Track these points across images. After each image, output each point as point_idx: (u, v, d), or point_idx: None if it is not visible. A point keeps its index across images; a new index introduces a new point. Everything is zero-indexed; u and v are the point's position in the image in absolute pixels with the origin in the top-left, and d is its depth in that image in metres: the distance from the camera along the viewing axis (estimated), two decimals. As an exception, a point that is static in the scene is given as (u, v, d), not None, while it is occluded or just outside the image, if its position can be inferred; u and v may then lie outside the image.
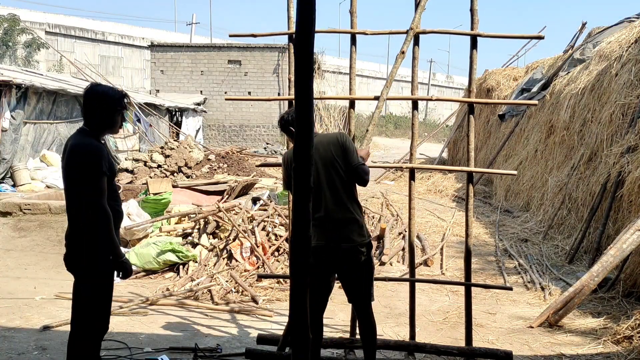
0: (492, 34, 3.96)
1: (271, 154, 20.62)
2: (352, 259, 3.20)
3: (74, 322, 2.96)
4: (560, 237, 7.45)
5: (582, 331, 4.61)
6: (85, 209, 2.80)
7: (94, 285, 2.89)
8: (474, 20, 3.85)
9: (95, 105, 2.89)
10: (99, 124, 2.91)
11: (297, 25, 1.85)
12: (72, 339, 2.95)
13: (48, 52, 27.56)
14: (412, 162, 4.07)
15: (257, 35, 4.12)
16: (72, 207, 2.86)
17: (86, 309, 2.90)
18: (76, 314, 2.93)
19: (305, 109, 1.91)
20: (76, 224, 2.87)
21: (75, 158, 2.82)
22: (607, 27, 10.01)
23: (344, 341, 3.87)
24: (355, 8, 3.97)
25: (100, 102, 2.88)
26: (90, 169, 2.79)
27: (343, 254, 3.18)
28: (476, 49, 3.87)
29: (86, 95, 2.93)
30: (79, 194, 2.82)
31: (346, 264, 3.21)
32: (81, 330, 2.93)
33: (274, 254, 6.29)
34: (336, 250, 3.16)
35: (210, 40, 32.69)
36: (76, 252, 2.87)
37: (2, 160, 10.12)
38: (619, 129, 6.91)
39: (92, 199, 2.78)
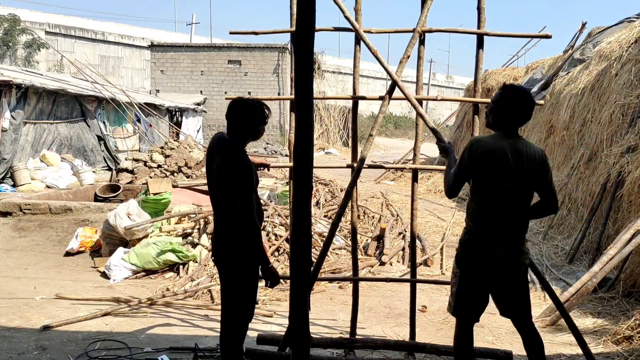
0: (499, 33, 3.83)
1: (271, 154, 20.61)
2: (519, 272, 3.12)
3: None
4: (560, 237, 7.45)
5: (582, 331, 4.60)
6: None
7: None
8: (480, 19, 3.75)
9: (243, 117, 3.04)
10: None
11: (297, 24, 1.85)
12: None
13: (48, 52, 27.57)
14: (415, 162, 4.06)
15: (259, 32, 4.02)
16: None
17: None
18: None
19: (305, 109, 1.91)
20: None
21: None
22: (607, 27, 10.01)
23: (344, 341, 3.87)
24: (360, 6, 3.88)
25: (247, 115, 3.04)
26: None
27: (515, 266, 3.09)
28: (482, 48, 3.77)
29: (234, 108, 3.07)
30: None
31: (514, 277, 3.13)
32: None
33: (274, 254, 6.29)
34: (510, 262, 3.06)
35: (210, 40, 32.68)
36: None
37: (2, 160, 10.12)
38: (619, 129, 6.90)
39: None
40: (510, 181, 2.92)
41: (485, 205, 2.99)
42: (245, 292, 3.11)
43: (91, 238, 6.95)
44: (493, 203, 2.96)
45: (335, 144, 25.61)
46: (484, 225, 3.00)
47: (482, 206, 3.00)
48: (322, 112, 25.39)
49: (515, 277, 3.11)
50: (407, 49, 3.77)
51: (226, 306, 3.16)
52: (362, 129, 24.92)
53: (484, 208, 2.99)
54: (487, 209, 2.99)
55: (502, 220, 2.98)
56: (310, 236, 2.08)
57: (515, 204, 2.97)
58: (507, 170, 2.91)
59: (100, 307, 4.93)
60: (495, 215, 2.98)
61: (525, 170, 2.92)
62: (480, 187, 3.00)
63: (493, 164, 2.91)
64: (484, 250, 3.01)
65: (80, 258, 6.77)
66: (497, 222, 2.98)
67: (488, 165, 2.92)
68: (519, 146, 2.93)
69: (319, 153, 21.54)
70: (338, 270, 6.16)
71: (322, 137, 25.43)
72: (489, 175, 2.94)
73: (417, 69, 3.89)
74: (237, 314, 3.11)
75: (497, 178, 2.93)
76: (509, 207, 2.96)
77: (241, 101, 3.10)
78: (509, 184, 2.93)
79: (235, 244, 3.02)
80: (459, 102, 13.83)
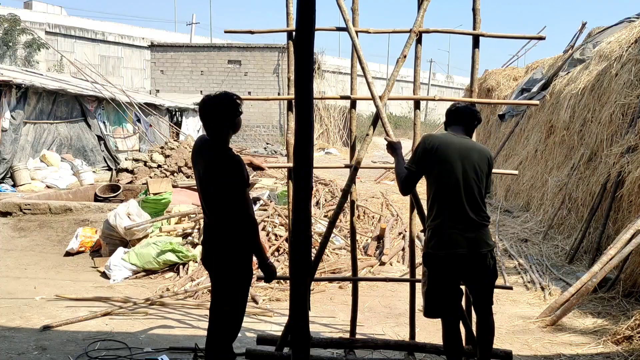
0: (495, 34, 3.93)
1: (271, 154, 20.61)
2: (484, 264, 3.17)
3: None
4: (560, 237, 7.46)
5: (582, 331, 4.61)
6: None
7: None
8: (476, 20, 3.83)
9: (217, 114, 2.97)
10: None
11: (298, 24, 1.85)
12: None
13: (48, 52, 27.55)
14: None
15: (255, 31, 4.03)
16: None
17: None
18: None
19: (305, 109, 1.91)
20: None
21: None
22: (607, 27, 10.01)
23: (344, 341, 3.87)
24: (357, 5, 3.92)
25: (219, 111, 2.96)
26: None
27: (480, 259, 3.15)
28: (478, 48, 3.85)
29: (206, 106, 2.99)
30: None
31: (479, 268, 3.18)
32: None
33: (274, 254, 6.29)
34: (474, 255, 3.13)
35: (210, 40, 32.69)
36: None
37: (2, 160, 10.12)
38: (619, 129, 6.90)
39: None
40: (462, 172, 3.08)
41: (442, 199, 3.11)
42: (240, 297, 3.09)
43: (91, 238, 6.95)
44: (449, 196, 3.09)
45: (335, 144, 25.61)
46: (444, 221, 3.11)
47: (440, 201, 3.12)
48: (322, 112, 25.39)
49: (481, 266, 3.17)
50: (404, 49, 3.81)
51: (218, 310, 3.13)
52: (362, 129, 24.90)
53: (442, 203, 3.12)
54: (445, 203, 3.11)
55: (461, 214, 3.09)
56: (310, 236, 2.08)
57: (471, 195, 3.11)
58: (459, 162, 3.09)
59: (100, 307, 4.93)
60: (454, 209, 3.09)
61: (476, 162, 3.13)
62: (434, 181, 3.15)
63: (446, 155, 3.09)
64: (448, 245, 3.10)
65: (80, 258, 6.77)
66: (456, 216, 3.09)
67: (441, 157, 3.09)
68: (467, 142, 3.20)
69: (319, 153, 21.54)
70: (338, 270, 6.16)
71: (322, 137, 25.44)
72: (442, 166, 3.09)
73: (414, 69, 3.91)
74: (230, 318, 3.08)
75: (449, 169, 3.08)
76: (465, 200, 3.09)
77: (210, 98, 3.00)
78: (460, 175, 3.08)
79: (235, 247, 3.00)
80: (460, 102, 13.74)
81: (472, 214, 3.09)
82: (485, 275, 3.20)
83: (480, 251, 3.11)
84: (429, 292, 3.22)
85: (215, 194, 2.96)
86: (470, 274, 3.20)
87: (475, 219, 3.10)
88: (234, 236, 2.99)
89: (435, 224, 3.14)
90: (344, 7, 3.82)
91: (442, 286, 3.19)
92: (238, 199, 2.92)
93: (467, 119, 3.30)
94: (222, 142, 2.99)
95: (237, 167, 2.90)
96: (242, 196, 2.92)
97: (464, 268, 3.15)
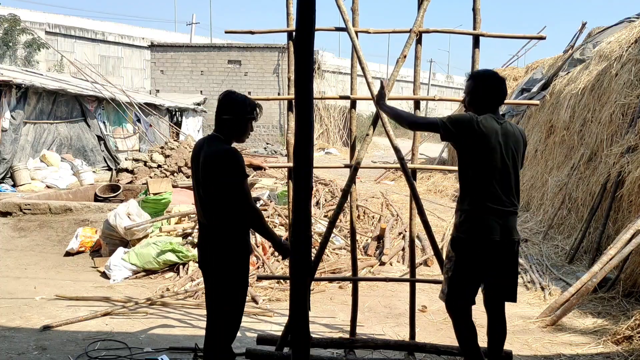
0: (495, 34, 3.93)
1: (271, 154, 20.61)
2: (514, 252, 3.14)
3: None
4: (560, 237, 7.45)
5: (582, 331, 4.61)
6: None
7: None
8: (476, 20, 3.83)
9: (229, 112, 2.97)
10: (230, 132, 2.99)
11: (298, 24, 1.85)
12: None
13: (48, 52, 27.54)
14: (413, 162, 4.07)
15: (255, 32, 4.03)
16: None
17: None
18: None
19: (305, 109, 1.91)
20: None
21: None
22: (607, 27, 10.02)
23: (344, 341, 3.87)
24: (357, 6, 3.92)
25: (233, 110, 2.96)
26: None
27: (511, 247, 3.12)
28: (478, 48, 3.85)
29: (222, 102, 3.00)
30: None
31: (508, 258, 3.14)
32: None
33: (274, 254, 6.29)
34: (506, 243, 3.10)
35: (210, 40, 32.68)
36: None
37: (2, 160, 10.12)
38: (619, 129, 6.90)
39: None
40: (501, 160, 3.05)
41: (479, 184, 3.08)
42: (240, 297, 3.06)
43: (91, 238, 6.95)
44: (487, 182, 3.05)
45: (335, 144, 25.61)
46: (480, 206, 3.07)
47: (476, 186, 3.09)
48: (322, 112, 25.39)
49: (510, 255, 3.14)
50: (404, 49, 3.81)
51: (217, 311, 3.08)
52: (362, 129, 24.89)
53: (478, 188, 3.08)
54: (482, 189, 3.07)
55: (496, 200, 3.06)
56: (310, 236, 2.08)
57: (507, 183, 3.08)
58: (499, 149, 3.04)
59: (100, 307, 4.93)
60: (490, 195, 3.06)
61: (514, 148, 3.09)
62: (472, 165, 3.09)
63: (488, 141, 3.03)
64: (483, 231, 3.06)
65: (80, 258, 6.77)
66: (492, 202, 3.05)
67: (484, 142, 3.03)
68: (507, 127, 3.12)
69: (319, 153, 21.54)
70: (338, 270, 6.16)
71: (322, 137, 25.44)
72: (483, 152, 3.04)
73: (414, 69, 3.91)
74: (230, 318, 3.05)
75: (490, 156, 3.04)
76: (502, 187, 3.06)
77: (233, 92, 3.03)
78: (499, 163, 3.05)
79: (234, 247, 2.98)
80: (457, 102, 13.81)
81: (507, 202, 3.08)
82: (512, 266, 3.17)
83: (512, 238, 3.10)
84: (454, 278, 3.15)
85: (215, 194, 2.91)
86: (499, 264, 3.13)
87: (509, 207, 3.09)
88: (233, 236, 2.97)
89: (470, 209, 3.10)
90: (343, 8, 3.82)
91: (469, 273, 3.13)
92: (240, 195, 2.87)
93: (503, 97, 3.19)
94: (225, 138, 2.96)
95: (237, 163, 2.85)
96: (244, 191, 2.88)
97: (494, 256, 3.10)
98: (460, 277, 3.15)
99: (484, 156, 3.04)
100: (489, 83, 3.16)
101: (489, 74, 3.20)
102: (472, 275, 3.15)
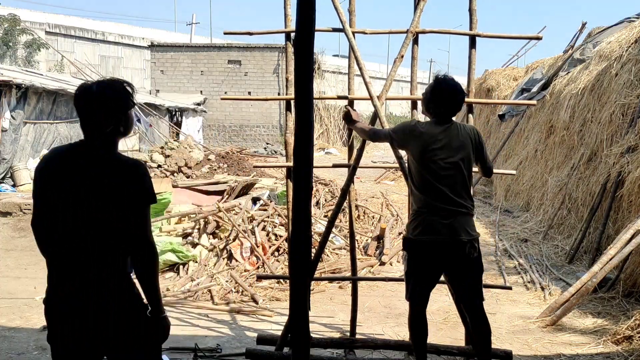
0: (491, 34, 3.97)
1: (271, 154, 20.62)
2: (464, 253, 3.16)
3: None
4: (560, 237, 7.45)
5: (582, 331, 4.61)
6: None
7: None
8: (472, 20, 3.85)
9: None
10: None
11: (298, 24, 1.85)
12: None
13: (48, 52, 27.54)
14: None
15: (254, 33, 4.03)
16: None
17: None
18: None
19: (305, 109, 1.91)
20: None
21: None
22: (607, 27, 10.01)
23: (344, 341, 3.87)
24: (354, 7, 3.93)
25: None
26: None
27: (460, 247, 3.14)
28: (475, 49, 3.88)
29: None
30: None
31: (460, 258, 3.16)
32: None
33: (274, 254, 6.29)
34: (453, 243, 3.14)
35: (210, 40, 32.66)
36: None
37: (2, 160, 10.12)
38: (619, 129, 6.90)
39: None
40: (445, 161, 3.11)
41: (423, 187, 3.16)
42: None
43: (91, 238, 6.93)
44: (430, 185, 3.13)
45: (335, 144, 25.61)
46: (425, 207, 3.15)
47: (421, 189, 3.18)
48: (322, 112, 25.39)
49: (461, 255, 3.14)
50: (401, 50, 3.82)
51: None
52: (362, 129, 24.89)
53: (422, 191, 3.17)
54: (426, 191, 3.15)
55: (440, 201, 3.12)
56: (310, 236, 2.08)
57: (452, 183, 3.13)
58: (440, 153, 3.12)
59: (100, 307, 4.93)
60: (434, 197, 3.13)
61: (458, 148, 3.14)
62: (415, 171, 3.21)
63: (426, 146, 3.12)
64: (428, 231, 3.14)
65: (80, 258, 6.76)
66: (436, 204, 3.12)
67: (423, 147, 3.13)
68: (452, 131, 3.18)
69: (319, 153, 21.54)
70: (338, 270, 6.16)
71: (322, 137, 25.44)
72: (423, 157, 3.14)
73: (411, 69, 3.93)
74: None
75: (430, 161, 3.12)
76: (446, 188, 3.12)
77: (93, 84, 2.12)
78: (444, 164, 3.11)
79: (131, 291, 2.38)
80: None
81: (454, 202, 3.11)
82: (467, 266, 3.18)
83: (460, 238, 3.11)
84: (408, 276, 3.27)
85: (110, 216, 2.10)
86: (451, 264, 3.18)
87: (457, 207, 3.12)
88: (125, 276, 2.34)
89: (416, 209, 3.21)
90: (340, 9, 3.82)
91: (419, 272, 3.23)
92: (142, 219, 2.16)
93: (453, 103, 3.23)
94: (110, 146, 2.14)
95: (145, 176, 2.13)
96: (147, 216, 2.18)
97: (444, 256, 3.15)
98: (412, 276, 3.25)
99: (424, 159, 3.13)
100: (439, 93, 3.23)
101: (443, 85, 3.25)
102: (423, 274, 3.23)
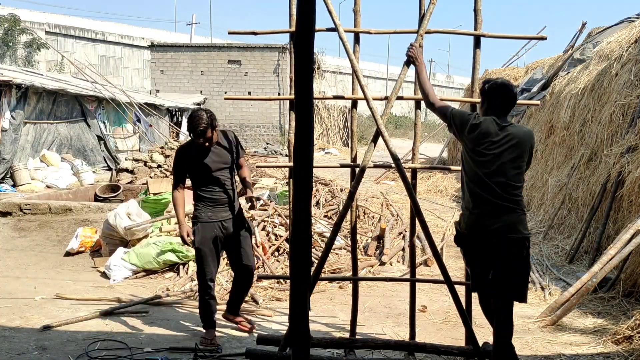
0: (496, 35, 3.95)
1: (271, 153, 20.60)
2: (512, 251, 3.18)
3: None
4: (560, 237, 7.45)
5: (582, 331, 4.61)
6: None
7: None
8: (477, 20, 3.83)
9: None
10: None
11: (298, 24, 1.85)
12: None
13: (48, 52, 27.54)
14: (414, 162, 4.07)
15: (258, 32, 4.02)
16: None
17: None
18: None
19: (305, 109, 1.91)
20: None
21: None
22: (607, 27, 10.02)
23: (344, 341, 3.87)
24: (359, 7, 3.92)
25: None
26: None
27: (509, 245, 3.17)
28: (479, 48, 3.86)
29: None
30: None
31: (508, 255, 3.17)
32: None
33: (274, 254, 6.29)
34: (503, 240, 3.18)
35: (210, 40, 32.66)
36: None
37: (2, 160, 10.12)
38: (619, 129, 6.90)
39: None
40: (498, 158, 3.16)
41: (473, 183, 3.22)
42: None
43: (91, 238, 6.95)
44: (481, 182, 3.18)
45: (335, 144, 25.60)
46: (477, 202, 3.20)
47: (470, 186, 3.24)
48: (322, 112, 25.38)
49: (510, 252, 3.16)
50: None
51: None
52: (362, 129, 24.92)
53: (472, 188, 3.23)
54: (475, 188, 3.21)
55: (489, 199, 3.17)
56: (310, 236, 2.08)
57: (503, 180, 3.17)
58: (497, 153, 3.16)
59: (100, 307, 4.93)
60: (483, 194, 3.18)
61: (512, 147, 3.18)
62: (467, 166, 3.26)
63: (485, 144, 3.18)
64: (476, 226, 3.21)
65: (80, 258, 6.77)
66: (484, 201, 3.18)
67: (480, 143, 3.19)
68: (509, 131, 3.21)
69: (319, 153, 21.53)
70: (338, 270, 6.16)
71: (322, 137, 25.42)
72: (478, 154, 3.19)
73: (415, 69, 3.91)
74: None
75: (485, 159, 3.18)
76: (496, 186, 3.16)
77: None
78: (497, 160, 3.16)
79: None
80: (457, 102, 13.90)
81: (503, 199, 3.15)
82: (515, 263, 3.17)
83: (510, 235, 3.14)
84: (467, 271, 3.45)
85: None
86: (499, 260, 3.17)
87: (507, 203, 3.15)
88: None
89: (466, 205, 3.29)
90: (333, 11, 3.80)
91: (473, 266, 3.34)
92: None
93: (509, 102, 3.29)
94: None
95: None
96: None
97: (493, 252, 3.17)
98: (470, 270, 3.38)
99: (477, 153, 3.19)
100: (495, 92, 3.30)
101: (497, 84, 3.33)
102: (476, 269, 3.31)
